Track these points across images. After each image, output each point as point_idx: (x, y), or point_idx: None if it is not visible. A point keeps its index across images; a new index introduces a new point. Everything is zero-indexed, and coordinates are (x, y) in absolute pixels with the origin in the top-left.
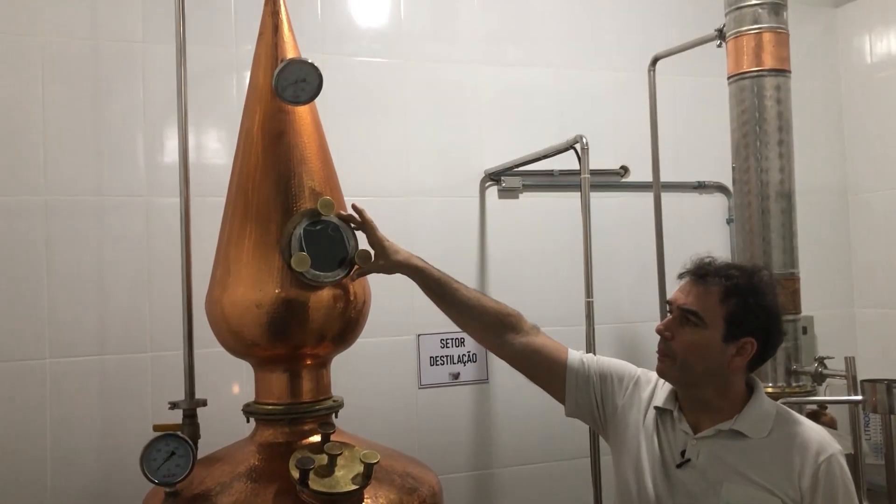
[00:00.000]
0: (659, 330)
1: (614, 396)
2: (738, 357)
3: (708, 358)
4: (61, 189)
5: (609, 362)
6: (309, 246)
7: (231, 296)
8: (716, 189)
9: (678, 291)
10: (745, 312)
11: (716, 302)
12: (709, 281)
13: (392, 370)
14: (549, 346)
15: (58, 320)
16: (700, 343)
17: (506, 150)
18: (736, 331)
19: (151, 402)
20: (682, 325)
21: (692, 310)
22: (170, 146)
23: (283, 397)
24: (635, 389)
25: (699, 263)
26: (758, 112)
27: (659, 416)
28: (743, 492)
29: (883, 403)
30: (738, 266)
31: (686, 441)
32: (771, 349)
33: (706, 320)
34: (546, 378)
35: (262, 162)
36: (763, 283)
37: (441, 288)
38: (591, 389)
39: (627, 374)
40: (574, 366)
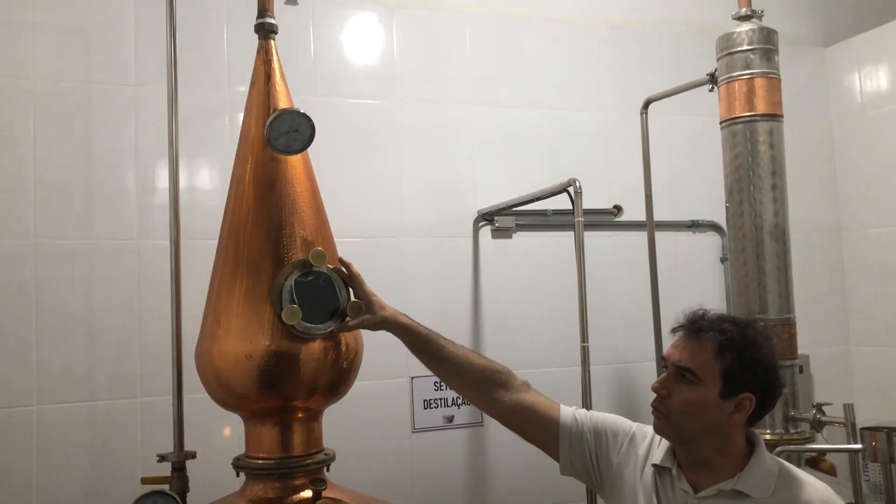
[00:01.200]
0: (654, 388)
1: (609, 454)
2: (737, 413)
3: (706, 416)
4: (51, 232)
5: (603, 418)
6: (300, 297)
7: (221, 348)
8: (709, 228)
9: (672, 347)
10: (742, 367)
11: (711, 358)
12: (703, 336)
13: (386, 413)
14: (540, 403)
15: (46, 365)
16: (697, 401)
17: (499, 189)
18: (733, 387)
19: (141, 449)
20: (677, 383)
21: (687, 367)
22: (161, 188)
23: (274, 451)
24: (630, 446)
25: (692, 317)
26: (751, 156)
27: (657, 474)
28: None
29: (883, 452)
30: (731, 319)
31: (686, 501)
32: (770, 403)
33: (702, 377)
34: (539, 436)
35: (253, 211)
36: (758, 336)
37: (428, 346)
38: (585, 447)
39: (622, 430)
40: (567, 423)
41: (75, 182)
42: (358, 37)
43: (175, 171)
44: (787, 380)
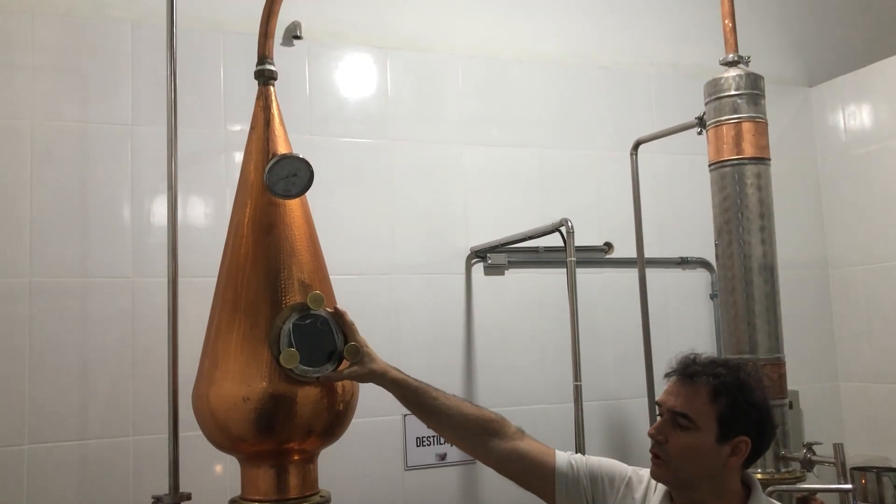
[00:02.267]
0: (651, 434)
1: (606, 499)
2: (734, 457)
3: (703, 460)
4: (46, 271)
5: (599, 463)
6: (298, 341)
7: (218, 390)
8: (699, 264)
9: (666, 393)
10: (737, 411)
11: (706, 402)
12: (696, 381)
13: (378, 451)
14: (535, 450)
15: (38, 404)
16: (694, 446)
17: (491, 227)
18: (729, 430)
19: (133, 489)
20: (673, 428)
21: (683, 412)
22: (156, 226)
23: (270, 494)
24: (627, 491)
25: (685, 362)
26: (739, 199)
27: None
28: None
29: (873, 492)
30: (723, 363)
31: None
32: (765, 446)
33: (698, 422)
34: (535, 484)
35: (251, 255)
36: (750, 379)
37: (419, 398)
38: (581, 493)
39: (618, 474)
40: (563, 469)
41: (71, 221)
42: (352, 78)
43: (173, 210)
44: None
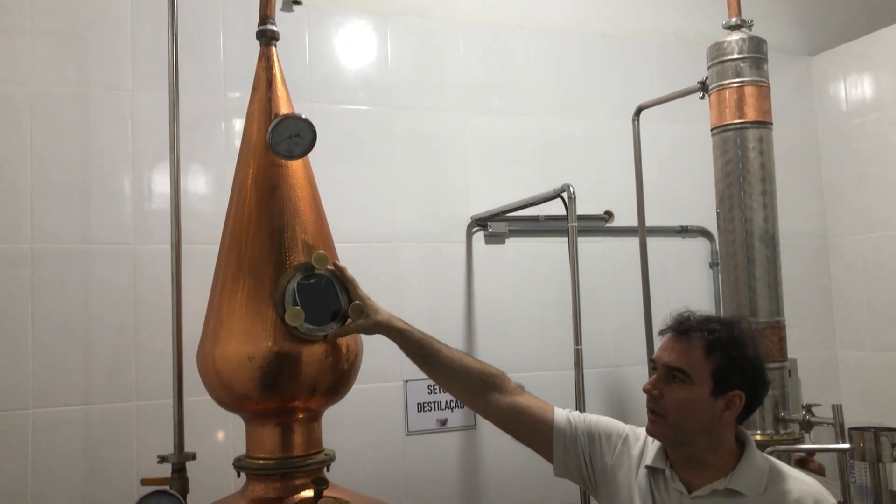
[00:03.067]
0: (647, 389)
1: (603, 456)
2: (728, 411)
3: (699, 414)
4: (48, 237)
5: (597, 420)
6: (302, 300)
7: (223, 349)
8: (699, 233)
9: (661, 349)
10: (731, 366)
11: (701, 357)
12: (691, 336)
13: (380, 417)
14: (534, 405)
15: (42, 369)
16: (690, 400)
17: (492, 195)
18: (723, 385)
19: (137, 452)
20: (668, 383)
21: (678, 367)
22: (157, 193)
23: (275, 451)
24: (624, 448)
25: (679, 319)
26: (741, 163)
27: (651, 476)
28: None
29: (871, 451)
30: (717, 319)
31: (681, 501)
32: (758, 401)
33: (693, 377)
34: (533, 439)
35: (255, 215)
36: (744, 335)
37: (423, 350)
38: (579, 450)
39: (615, 431)
40: (561, 426)
41: (71, 187)
42: (352, 44)
43: (176, 176)
44: (777, 382)
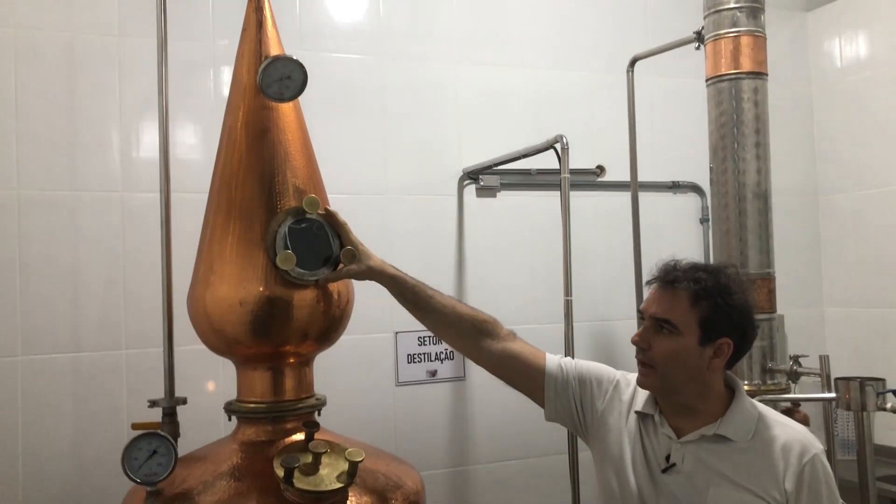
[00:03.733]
0: (635, 341)
1: (594, 401)
2: (717, 359)
3: (687, 364)
4: (35, 183)
5: (588, 366)
6: (294, 244)
7: (214, 293)
8: (690, 189)
9: (648, 300)
10: (718, 314)
11: (687, 307)
12: (677, 286)
13: (370, 368)
14: (526, 351)
15: (31, 316)
16: (677, 350)
17: (484, 148)
18: (711, 333)
19: (127, 400)
20: (656, 334)
21: (664, 318)
22: (145, 141)
23: (266, 395)
24: (615, 393)
25: (665, 269)
26: (735, 114)
27: (641, 421)
28: (729, 496)
29: (856, 401)
30: (703, 267)
31: (670, 446)
32: (746, 346)
33: (679, 327)
34: (525, 384)
35: (245, 159)
36: (731, 281)
37: (415, 296)
38: (570, 394)
39: (606, 377)
40: (552, 371)
41: (58, 133)
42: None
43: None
44: (766, 333)
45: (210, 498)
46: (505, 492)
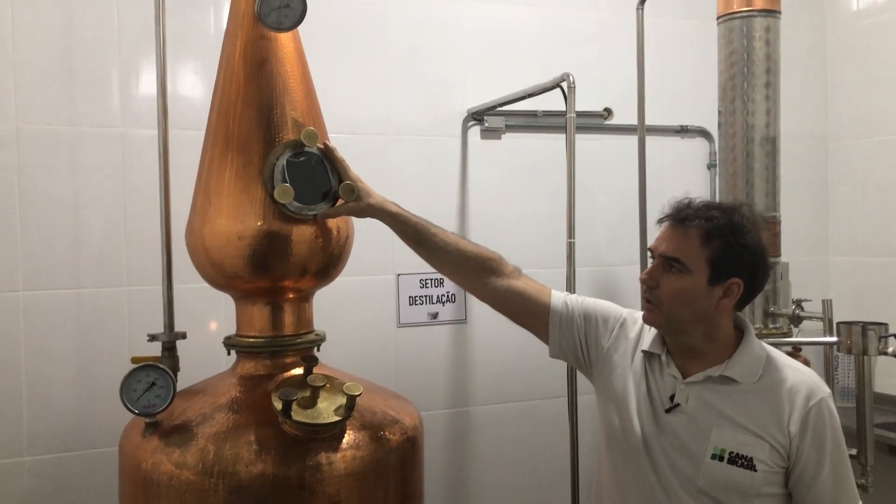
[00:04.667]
0: (643, 279)
1: (599, 338)
2: (726, 299)
3: (695, 304)
4: (33, 117)
5: (594, 303)
6: (292, 178)
7: (212, 227)
8: (698, 134)
9: (658, 239)
10: (729, 253)
11: (697, 246)
12: (689, 225)
13: (371, 309)
14: (531, 287)
15: (31, 252)
16: (686, 290)
17: (488, 89)
18: (721, 273)
19: (128, 335)
20: (665, 273)
21: (674, 257)
22: (144, 77)
23: (265, 330)
24: (621, 331)
25: (677, 207)
26: (746, 53)
27: (647, 360)
28: (732, 437)
29: (857, 345)
30: (717, 206)
31: (675, 385)
32: (758, 287)
33: (689, 266)
34: (529, 321)
35: (243, 90)
36: (745, 220)
37: (418, 234)
38: (574, 331)
39: (613, 315)
40: (557, 308)
41: (56, 65)
42: None
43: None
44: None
45: (208, 429)
46: (504, 433)
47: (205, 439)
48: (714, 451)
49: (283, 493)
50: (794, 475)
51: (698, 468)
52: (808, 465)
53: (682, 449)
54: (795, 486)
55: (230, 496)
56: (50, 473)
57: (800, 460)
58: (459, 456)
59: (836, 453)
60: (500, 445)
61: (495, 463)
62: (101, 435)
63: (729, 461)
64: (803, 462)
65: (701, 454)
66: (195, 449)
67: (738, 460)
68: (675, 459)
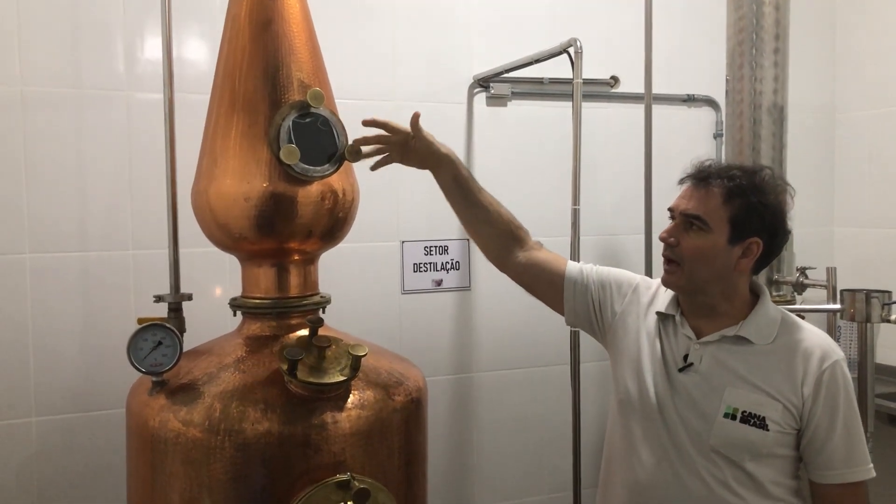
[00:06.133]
0: (663, 237)
1: (613, 303)
2: (745, 259)
3: (715, 262)
4: (38, 80)
5: (608, 271)
6: (298, 139)
7: (218, 188)
8: (704, 103)
9: (680, 198)
10: (750, 213)
11: (719, 204)
12: (711, 183)
13: (376, 276)
14: (549, 258)
15: (37, 215)
16: (706, 248)
17: (495, 56)
18: (741, 232)
19: (134, 298)
20: (685, 231)
21: (695, 214)
22: (150, 40)
23: (271, 291)
24: (634, 296)
25: (699, 167)
26: (755, 18)
27: (661, 322)
28: (745, 397)
29: (861, 312)
30: (739, 167)
31: (689, 346)
32: (777, 248)
33: (710, 224)
34: (545, 289)
35: (249, 49)
36: (766, 182)
37: (468, 185)
38: (588, 297)
39: (626, 281)
40: (573, 275)
41: (61, 29)
42: None
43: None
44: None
45: (215, 388)
46: (507, 399)
47: (211, 398)
48: (727, 409)
49: (289, 451)
50: (805, 437)
51: (710, 427)
52: (819, 427)
53: (695, 408)
54: (807, 448)
55: (236, 453)
56: (57, 434)
57: (812, 422)
58: (462, 422)
59: (848, 415)
60: (502, 411)
61: (498, 429)
62: (107, 396)
63: (742, 420)
64: (815, 424)
65: (713, 413)
66: (202, 407)
67: (751, 419)
68: (688, 418)
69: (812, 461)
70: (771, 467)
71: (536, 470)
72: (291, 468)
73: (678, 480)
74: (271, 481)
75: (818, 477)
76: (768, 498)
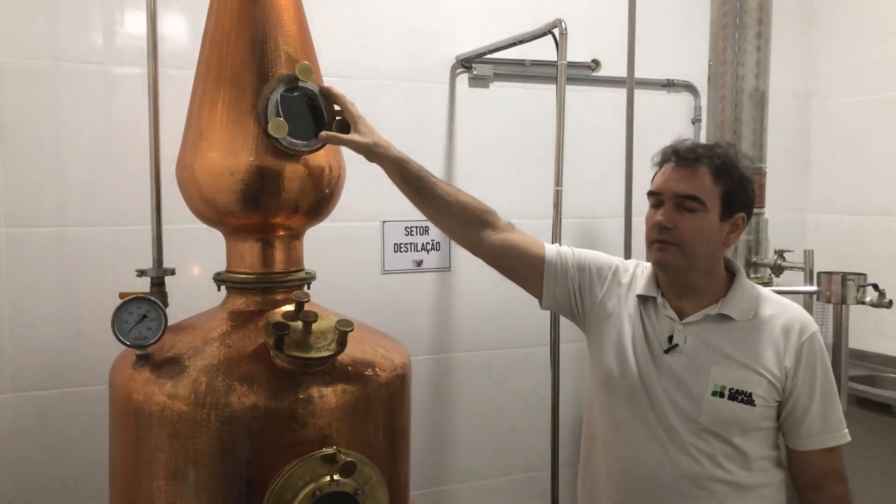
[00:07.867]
0: (660, 222)
1: (593, 287)
2: (732, 234)
3: (711, 240)
4: (14, 51)
5: (585, 254)
6: (286, 112)
7: (203, 161)
8: (684, 88)
9: (666, 180)
10: (736, 188)
11: (711, 183)
12: (699, 163)
13: (356, 255)
14: (525, 241)
15: (12, 189)
16: (704, 227)
17: (478, 37)
18: (730, 208)
19: (113, 275)
20: (680, 213)
21: (692, 195)
22: (129, 13)
23: (256, 266)
24: (614, 278)
25: (681, 148)
26: (739, 3)
27: (642, 304)
28: (731, 374)
29: (837, 294)
30: (715, 145)
31: (672, 327)
32: (749, 218)
33: (707, 203)
34: (524, 274)
35: (236, 22)
36: (739, 156)
37: (420, 181)
38: (569, 281)
39: (605, 264)
40: (552, 258)
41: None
42: None
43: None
44: (753, 227)
45: (200, 362)
46: (486, 379)
47: (196, 371)
48: (715, 388)
49: (275, 425)
50: (786, 408)
51: (699, 406)
52: (800, 398)
53: (682, 388)
54: (787, 419)
55: (222, 427)
56: (34, 410)
57: (793, 393)
58: (441, 401)
59: (825, 384)
60: (481, 392)
61: (477, 409)
62: (85, 373)
63: (729, 397)
64: (796, 395)
65: (702, 392)
66: (187, 380)
67: (738, 396)
68: (676, 398)
69: (792, 430)
70: (756, 440)
71: (514, 449)
72: (277, 442)
73: (667, 457)
74: (257, 455)
75: (797, 444)
76: (753, 469)
